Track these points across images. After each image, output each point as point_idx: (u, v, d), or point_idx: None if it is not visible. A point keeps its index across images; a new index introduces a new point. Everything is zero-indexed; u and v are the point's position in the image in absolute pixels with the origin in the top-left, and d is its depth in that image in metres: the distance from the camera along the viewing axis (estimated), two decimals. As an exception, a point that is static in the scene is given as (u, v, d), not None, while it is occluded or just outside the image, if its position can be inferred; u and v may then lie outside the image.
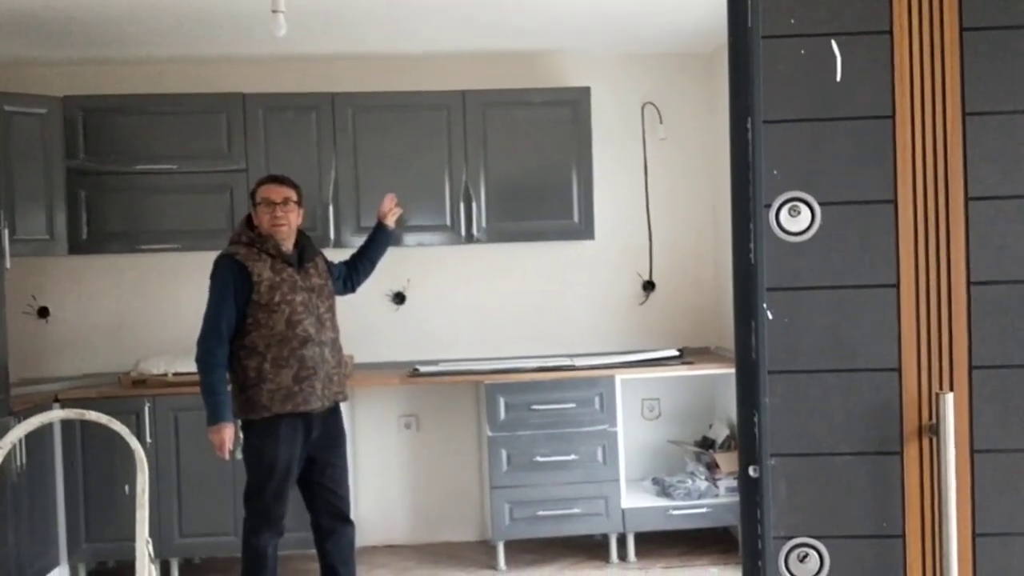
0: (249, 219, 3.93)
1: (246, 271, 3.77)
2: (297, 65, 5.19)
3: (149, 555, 2.60)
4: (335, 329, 3.97)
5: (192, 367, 4.69)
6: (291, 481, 3.88)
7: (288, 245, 3.89)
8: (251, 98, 4.91)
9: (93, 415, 2.68)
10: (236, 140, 4.88)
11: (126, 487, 4.53)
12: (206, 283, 5.17)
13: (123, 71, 5.14)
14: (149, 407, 4.66)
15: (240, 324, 3.79)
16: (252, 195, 3.94)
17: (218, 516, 4.68)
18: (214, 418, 3.79)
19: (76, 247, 4.87)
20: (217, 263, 3.86)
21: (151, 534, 4.48)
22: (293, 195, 3.91)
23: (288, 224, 3.87)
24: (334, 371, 3.91)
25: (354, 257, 4.34)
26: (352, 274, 4.29)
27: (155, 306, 5.20)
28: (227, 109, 4.88)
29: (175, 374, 4.71)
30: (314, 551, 4.12)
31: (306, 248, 3.97)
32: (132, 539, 2.63)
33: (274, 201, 3.85)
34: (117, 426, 2.66)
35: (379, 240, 4.35)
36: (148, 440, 4.63)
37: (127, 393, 4.70)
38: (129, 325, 5.19)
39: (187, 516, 4.70)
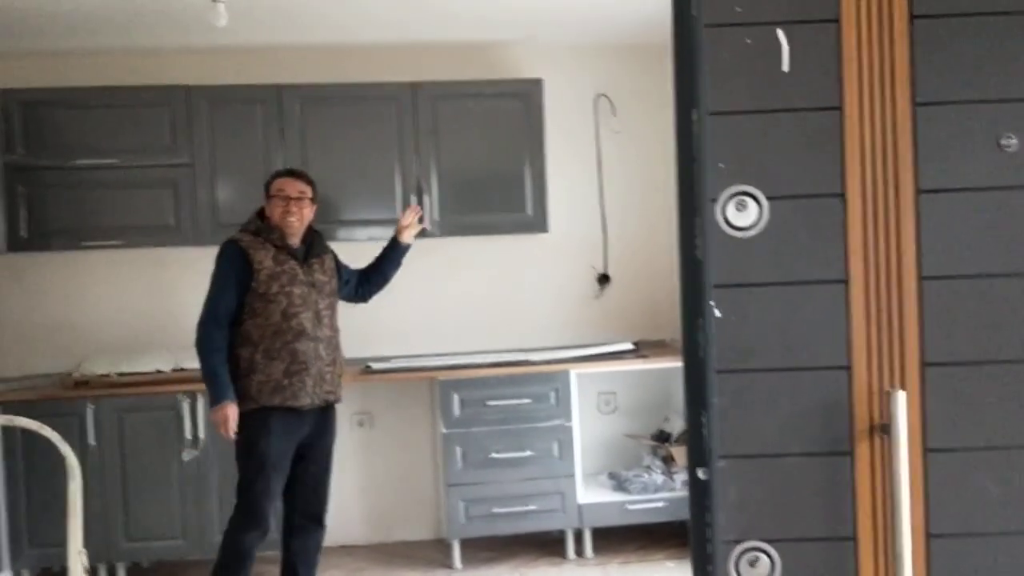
0: (261, 211, 3.90)
1: (247, 258, 3.75)
2: (243, 57, 5.06)
3: (83, 566, 2.50)
4: (334, 328, 3.93)
5: (137, 367, 4.64)
6: (281, 477, 3.82)
7: (296, 240, 3.87)
8: (195, 90, 4.78)
9: (23, 421, 2.58)
10: (180, 134, 4.75)
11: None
12: (150, 280, 5.11)
13: (63, 63, 4.99)
14: (92, 409, 4.52)
15: (238, 312, 3.75)
16: (266, 187, 3.91)
17: (166, 519, 4.57)
18: (216, 398, 3.71)
19: (16, 245, 4.72)
20: (221, 248, 3.85)
21: (96, 538, 4.41)
22: (308, 191, 3.91)
23: (300, 219, 3.86)
24: (327, 369, 3.86)
25: (368, 268, 4.26)
26: (364, 285, 4.23)
27: (98, 305, 5.06)
28: (171, 102, 4.75)
29: (119, 374, 4.59)
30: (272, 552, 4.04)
31: (315, 244, 3.95)
32: (72, 546, 2.54)
33: (289, 195, 3.84)
34: (48, 432, 2.57)
35: (393, 256, 4.24)
36: (92, 442, 4.50)
37: (70, 394, 4.56)
38: (72, 324, 5.05)
39: (133, 520, 4.58)
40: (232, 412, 3.71)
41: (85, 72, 4.97)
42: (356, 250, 5.03)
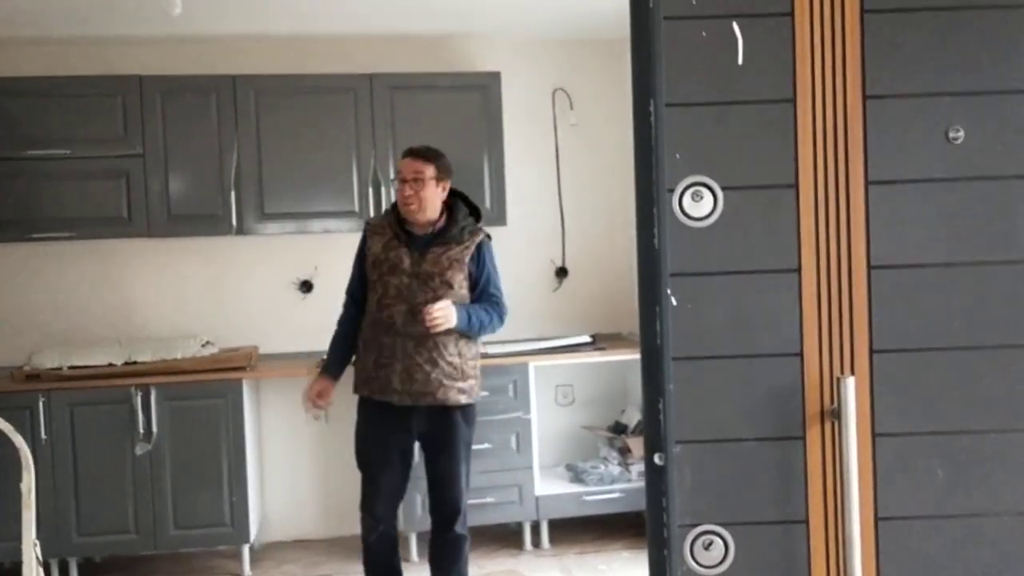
0: None
1: (366, 241, 3.73)
2: (196, 46, 5.01)
3: (36, 557, 2.48)
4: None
5: (88, 360, 4.57)
6: (387, 470, 3.70)
7: (421, 225, 3.65)
8: (148, 80, 4.73)
9: (-27, 413, 2.55)
10: (132, 124, 4.70)
11: (21, 485, 4.33)
12: (102, 272, 5.05)
13: (13, 52, 4.90)
14: (43, 402, 4.46)
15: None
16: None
17: (118, 514, 4.53)
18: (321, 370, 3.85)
19: (-36, 236, 4.65)
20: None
21: (48, 533, 4.36)
22: (428, 170, 3.62)
23: (418, 202, 3.60)
24: (419, 368, 3.59)
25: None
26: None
27: (49, 297, 4.99)
28: (123, 92, 4.70)
29: (71, 367, 4.52)
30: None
31: (448, 231, 3.67)
32: (27, 540, 2.52)
33: (404, 177, 3.65)
34: (0, 423, 2.54)
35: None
36: (43, 436, 4.44)
37: (20, 388, 4.50)
38: (21, 317, 4.97)
39: (85, 514, 4.52)
40: (319, 386, 3.78)
41: (36, 61, 4.89)
42: (312, 242, 5.02)
